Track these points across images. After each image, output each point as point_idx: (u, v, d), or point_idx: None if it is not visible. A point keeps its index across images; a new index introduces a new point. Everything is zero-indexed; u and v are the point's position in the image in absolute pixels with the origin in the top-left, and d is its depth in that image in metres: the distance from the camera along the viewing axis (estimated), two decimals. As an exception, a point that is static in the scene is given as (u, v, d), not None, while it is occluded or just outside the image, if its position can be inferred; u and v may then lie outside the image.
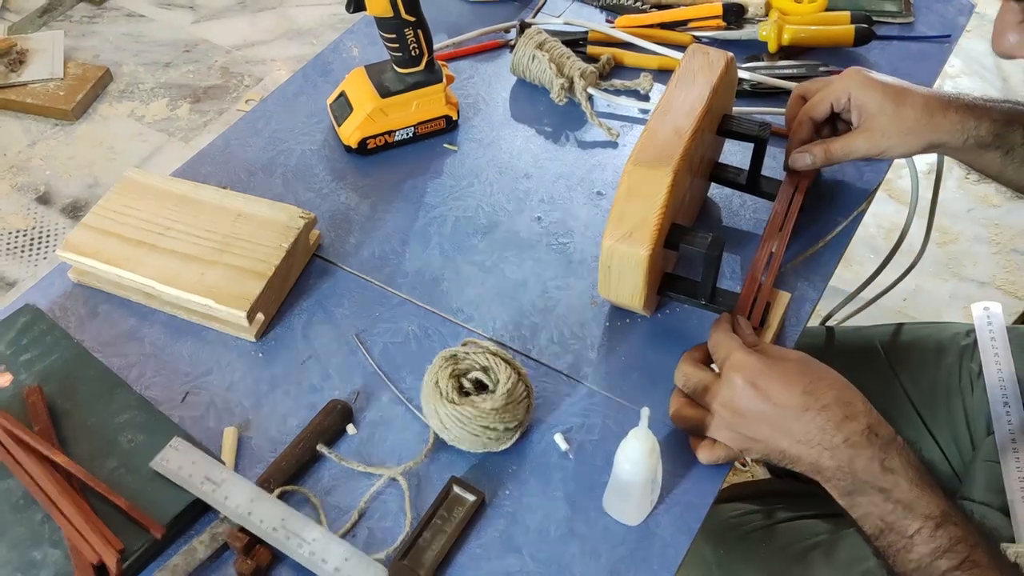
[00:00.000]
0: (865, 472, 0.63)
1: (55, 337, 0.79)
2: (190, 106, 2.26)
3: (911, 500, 0.62)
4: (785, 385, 0.65)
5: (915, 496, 0.62)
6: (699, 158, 0.82)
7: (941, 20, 1.14)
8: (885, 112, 0.80)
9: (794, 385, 0.65)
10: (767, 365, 0.66)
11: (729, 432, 0.69)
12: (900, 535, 0.62)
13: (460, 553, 0.68)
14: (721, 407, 0.68)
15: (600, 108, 1.03)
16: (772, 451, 0.67)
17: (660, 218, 0.73)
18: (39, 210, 2.02)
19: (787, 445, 0.65)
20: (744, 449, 0.69)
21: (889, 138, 0.80)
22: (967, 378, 0.91)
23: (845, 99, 0.83)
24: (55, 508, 0.67)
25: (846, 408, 0.64)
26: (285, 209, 0.85)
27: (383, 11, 0.88)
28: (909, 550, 0.61)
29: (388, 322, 0.83)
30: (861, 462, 0.63)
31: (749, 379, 0.66)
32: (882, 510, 0.62)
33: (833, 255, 0.88)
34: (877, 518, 0.63)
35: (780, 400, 0.65)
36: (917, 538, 0.61)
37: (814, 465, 0.65)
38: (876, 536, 0.63)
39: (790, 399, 0.65)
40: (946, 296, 1.86)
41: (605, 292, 0.79)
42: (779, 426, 0.65)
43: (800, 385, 0.65)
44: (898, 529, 0.62)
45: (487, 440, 0.71)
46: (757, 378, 0.66)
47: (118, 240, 0.83)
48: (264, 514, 0.67)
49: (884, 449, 0.63)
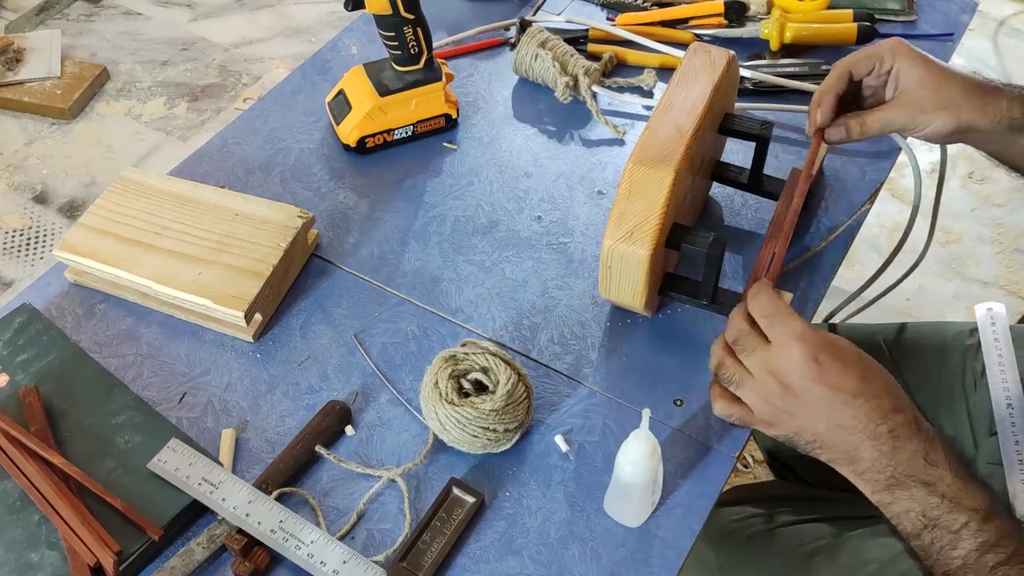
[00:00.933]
0: (908, 464, 0.61)
1: (52, 337, 0.78)
2: (188, 105, 2.25)
3: (956, 493, 0.60)
4: (844, 367, 0.63)
5: (960, 489, 0.60)
6: (701, 157, 0.82)
7: (944, 18, 1.13)
8: (926, 85, 0.78)
9: (851, 368, 0.63)
10: (829, 342, 0.64)
11: (763, 401, 0.65)
12: (945, 530, 0.60)
13: (460, 555, 0.67)
14: (768, 373, 0.64)
15: (603, 106, 1.02)
16: (804, 432, 0.64)
17: (661, 217, 0.72)
18: (36, 209, 2.02)
19: (824, 429, 0.63)
20: (769, 422, 0.65)
21: (927, 113, 0.78)
22: (971, 378, 0.91)
23: (889, 64, 0.80)
24: (51, 509, 0.66)
25: (895, 398, 0.63)
26: (283, 208, 0.84)
27: (382, 9, 0.87)
28: (954, 546, 0.59)
29: (387, 322, 0.82)
30: (904, 454, 0.61)
31: (812, 353, 0.62)
32: (925, 505, 0.60)
33: (836, 255, 0.87)
34: (919, 514, 0.61)
35: (836, 381, 0.62)
36: (964, 532, 0.59)
37: (850, 454, 0.63)
38: (916, 534, 0.61)
39: (845, 382, 0.62)
40: (949, 296, 1.86)
41: (606, 292, 0.79)
42: (823, 408, 0.63)
43: (856, 369, 0.63)
44: (943, 524, 0.60)
45: (487, 441, 0.70)
46: (820, 353, 0.63)
47: (115, 240, 0.82)
48: (262, 516, 0.66)
49: (928, 442, 0.61)
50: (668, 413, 0.75)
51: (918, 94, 0.79)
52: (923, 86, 0.78)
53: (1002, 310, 0.91)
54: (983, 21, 2.41)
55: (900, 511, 0.62)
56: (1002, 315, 0.90)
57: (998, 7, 2.53)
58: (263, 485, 0.69)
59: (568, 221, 0.91)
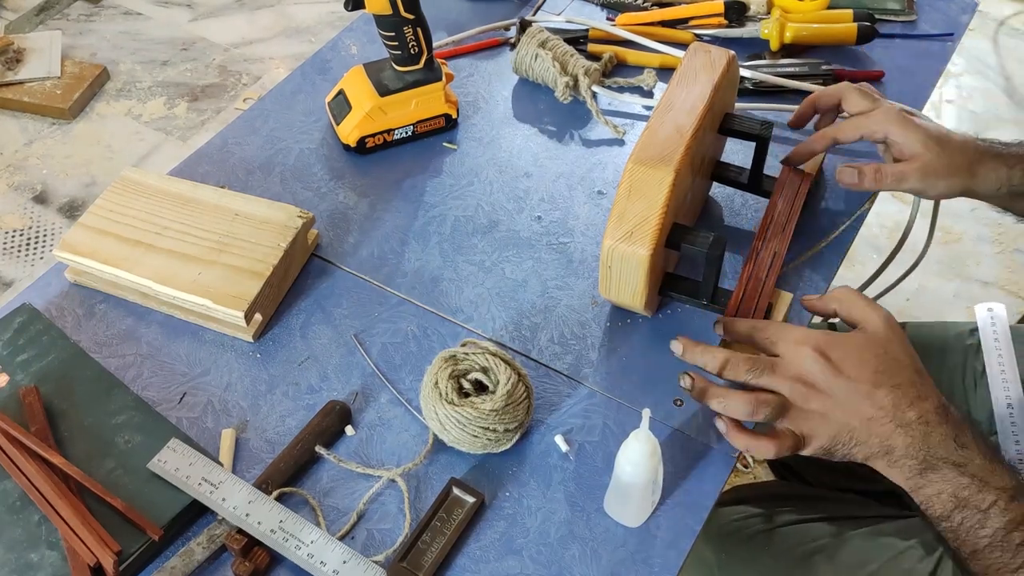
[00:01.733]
0: (940, 448, 0.62)
1: (52, 337, 0.78)
2: (188, 105, 2.25)
3: (986, 474, 0.62)
4: (859, 360, 0.65)
5: (989, 470, 0.62)
6: (701, 157, 0.82)
7: (944, 18, 1.13)
8: (931, 151, 0.79)
9: (867, 362, 0.65)
10: (835, 338, 0.65)
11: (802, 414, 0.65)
12: (975, 509, 0.61)
13: (460, 555, 0.67)
14: (793, 381, 0.65)
15: (603, 106, 1.02)
16: (841, 432, 0.65)
17: (661, 218, 0.72)
18: (36, 209, 2.02)
19: (857, 423, 0.64)
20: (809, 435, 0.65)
21: (938, 175, 0.80)
22: (971, 377, 0.91)
23: (881, 136, 0.82)
24: (51, 509, 0.66)
25: (919, 388, 0.64)
26: (283, 208, 0.84)
27: (382, 9, 0.87)
28: (983, 524, 0.61)
29: (387, 322, 0.82)
30: (936, 438, 0.63)
31: (819, 350, 0.64)
32: (956, 485, 0.62)
33: (836, 255, 0.87)
34: (950, 495, 0.62)
35: (853, 373, 0.64)
36: (993, 511, 0.61)
37: (885, 445, 0.64)
38: (947, 516, 0.63)
39: (863, 373, 0.64)
40: (949, 296, 1.86)
41: (606, 292, 0.79)
42: (852, 400, 0.64)
43: (873, 364, 0.65)
44: (973, 503, 0.61)
45: (487, 441, 0.70)
46: (826, 349, 0.65)
47: (115, 240, 0.82)
48: (262, 516, 0.66)
49: (957, 426, 0.63)
50: (668, 413, 0.75)
51: (927, 158, 0.80)
52: (928, 150, 0.80)
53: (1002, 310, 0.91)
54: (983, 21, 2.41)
55: (932, 493, 0.63)
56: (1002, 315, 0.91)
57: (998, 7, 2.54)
58: (263, 485, 0.69)
59: (568, 221, 0.91)
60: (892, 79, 1.05)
